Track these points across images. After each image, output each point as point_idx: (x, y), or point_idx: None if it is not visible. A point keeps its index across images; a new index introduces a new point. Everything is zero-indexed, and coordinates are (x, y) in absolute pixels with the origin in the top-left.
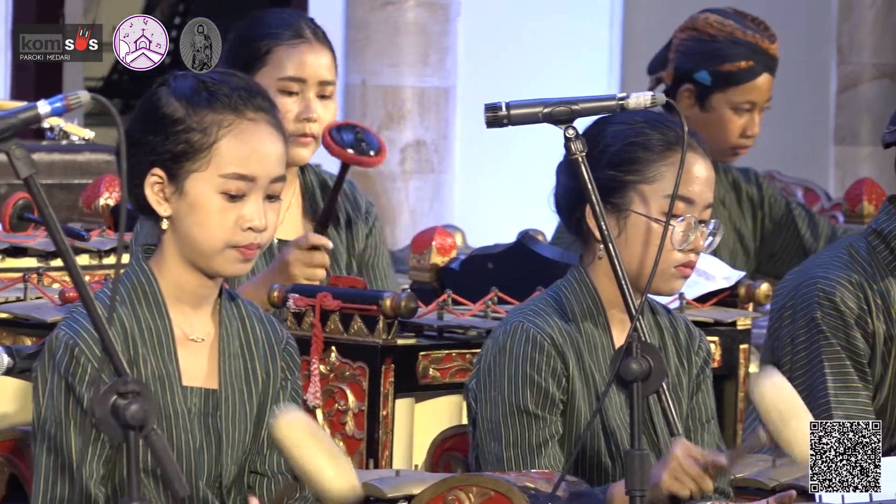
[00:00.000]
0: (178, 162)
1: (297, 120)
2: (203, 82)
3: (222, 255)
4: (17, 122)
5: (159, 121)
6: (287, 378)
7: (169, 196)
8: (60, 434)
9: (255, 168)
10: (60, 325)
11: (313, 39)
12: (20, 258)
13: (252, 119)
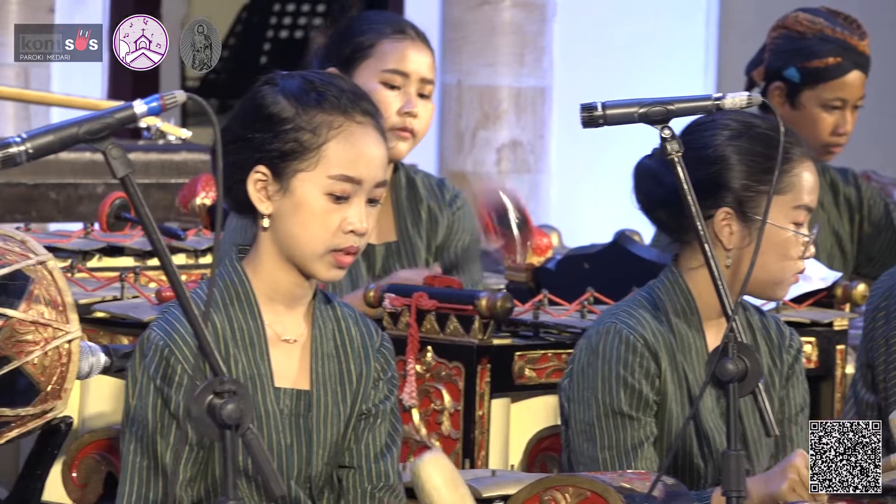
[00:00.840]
0: (285, 160)
1: (399, 114)
2: (311, 82)
3: (321, 259)
4: (114, 122)
5: (266, 119)
6: (380, 378)
7: (272, 194)
8: (148, 436)
9: (361, 171)
10: (152, 325)
11: (416, 38)
12: (117, 257)
13: (360, 122)
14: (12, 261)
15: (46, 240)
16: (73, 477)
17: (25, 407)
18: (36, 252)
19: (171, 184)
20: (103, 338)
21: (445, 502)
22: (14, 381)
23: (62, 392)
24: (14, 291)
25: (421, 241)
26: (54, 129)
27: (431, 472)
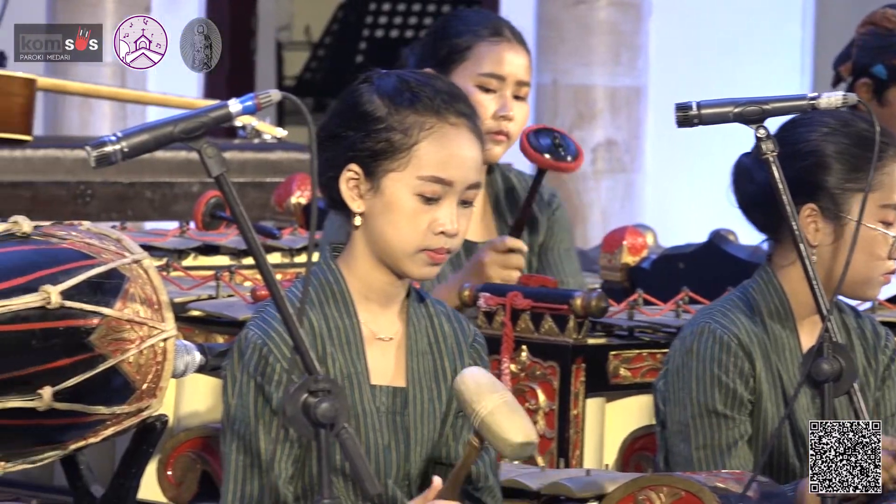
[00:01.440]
0: (376, 160)
1: (494, 117)
2: (406, 82)
3: (412, 258)
4: (209, 121)
5: (360, 117)
6: None
7: (364, 193)
8: (249, 434)
9: (453, 173)
10: (249, 324)
11: (513, 39)
12: (212, 256)
13: (454, 124)
14: (108, 259)
15: (142, 238)
16: (168, 475)
17: (121, 405)
18: (131, 251)
19: (266, 183)
20: (198, 336)
21: (490, 407)
22: (110, 379)
23: (157, 390)
24: (110, 290)
25: (522, 240)
26: (150, 127)
27: (468, 384)
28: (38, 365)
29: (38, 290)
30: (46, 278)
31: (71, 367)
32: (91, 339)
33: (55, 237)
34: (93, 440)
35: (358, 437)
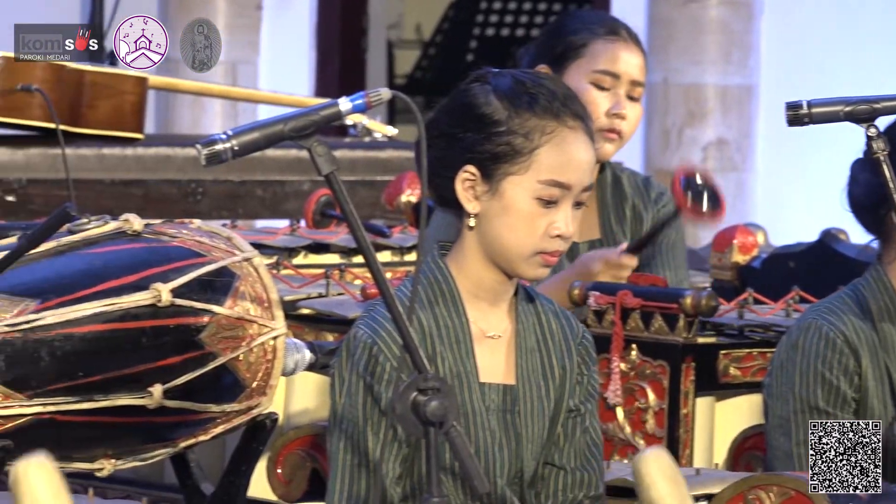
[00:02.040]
0: (496, 162)
1: (607, 115)
2: (523, 83)
3: (528, 260)
4: (319, 119)
5: (478, 119)
6: (583, 373)
7: (480, 194)
8: (358, 433)
9: (571, 176)
10: (358, 323)
11: (629, 40)
12: (322, 254)
13: (571, 127)
14: (218, 257)
15: (252, 237)
16: (278, 473)
17: (231, 403)
18: (242, 249)
19: (376, 181)
20: (308, 334)
21: (665, 498)
22: (220, 377)
23: (267, 388)
24: (220, 288)
25: (625, 239)
26: (260, 126)
27: (652, 468)
28: (149, 363)
29: (148, 288)
30: (157, 276)
31: (181, 364)
32: (201, 336)
33: (166, 235)
34: (203, 438)
35: (468, 435)
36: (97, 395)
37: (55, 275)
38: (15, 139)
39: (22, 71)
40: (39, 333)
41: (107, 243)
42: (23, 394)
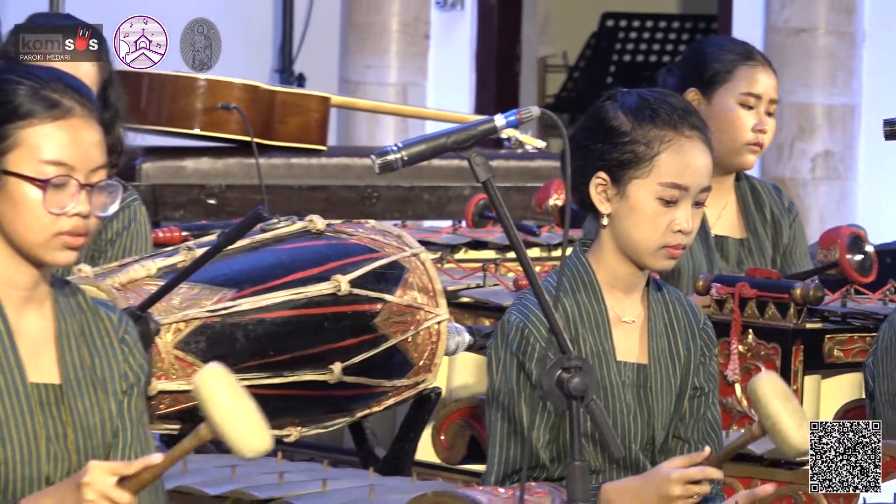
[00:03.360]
0: (622, 168)
1: (753, 130)
2: (646, 100)
3: (654, 253)
4: (477, 133)
5: (607, 131)
6: (705, 355)
7: (611, 197)
8: (513, 404)
9: (688, 179)
10: (511, 309)
11: (765, 63)
12: (480, 251)
13: (688, 136)
14: (390, 252)
15: (420, 235)
16: (441, 440)
17: (401, 379)
18: (410, 245)
19: (527, 187)
20: (468, 320)
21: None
22: (391, 356)
23: (432, 366)
24: (391, 279)
25: (768, 240)
26: (427, 139)
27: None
28: (330, 344)
29: (330, 279)
30: (337, 269)
31: (357, 345)
32: (375, 321)
33: (345, 233)
34: (376, 409)
35: (606, 407)
36: (285, 372)
37: (249, 267)
38: (216, 150)
39: (222, 92)
40: (236, 318)
41: (294, 240)
42: None
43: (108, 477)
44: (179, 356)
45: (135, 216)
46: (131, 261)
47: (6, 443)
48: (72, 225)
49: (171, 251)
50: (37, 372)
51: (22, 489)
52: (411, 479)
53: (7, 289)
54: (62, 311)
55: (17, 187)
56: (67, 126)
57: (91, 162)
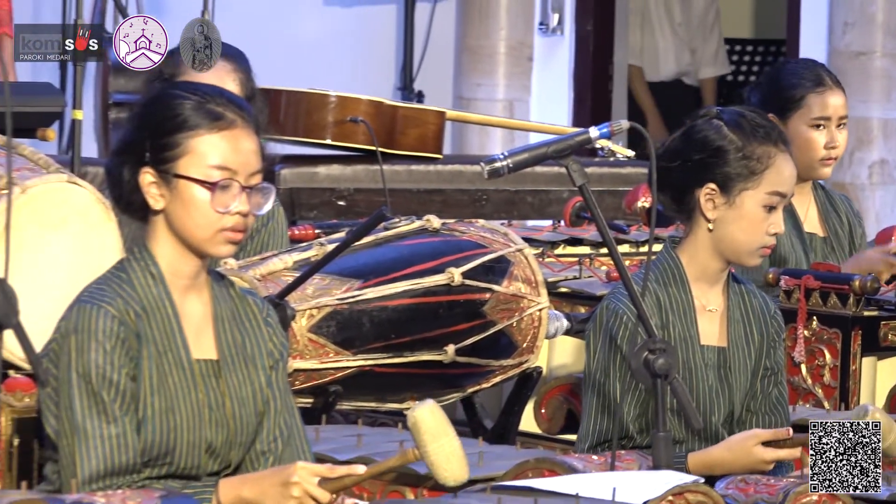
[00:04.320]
0: (734, 181)
1: (825, 148)
2: (747, 119)
3: (753, 253)
4: (574, 143)
5: (717, 149)
6: (776, 340)
7: (719, 205)
8: (606, 382)
9: (787, 188)
10: (607, 298)
11: (833, 85)
12: (577, 247)
13: (783, 151)
14: (498, 248)
15: (524, 233)
16: (542, 413)
17: (507, 359)
18: (515, 242)
19: (618, 191)
20: (565, 307)
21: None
22: (498, 339)
23: (534, 348)
24: (499, 271)
25: (844, 237)
26: (529, 148)
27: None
28: (444, 328)
29: (444, 271)
30: (451, 262)
31: (469, 330)
32: (484, 308)
33: (458, 231)
34: (485, 385)
35: (691, 386)
36: (405, 353)
37: (373, 261)
38: (345, 158)
39: (351, 107)
40: (361, 305)
41: (413, 237)
42: (349, 351)
43: (312, 477)
44: (312, 339)
45: (273, 215)
46: (271, 255)
47: (176, 412)
48: (233, 222)
49: (305, 246)
50: (199, 349)
51: (187, 453)
52: (516, 447)
53: (174, 278)
54: (217, 297)
55: (187, 189)
56: (230, 136)
57: (250, 167)
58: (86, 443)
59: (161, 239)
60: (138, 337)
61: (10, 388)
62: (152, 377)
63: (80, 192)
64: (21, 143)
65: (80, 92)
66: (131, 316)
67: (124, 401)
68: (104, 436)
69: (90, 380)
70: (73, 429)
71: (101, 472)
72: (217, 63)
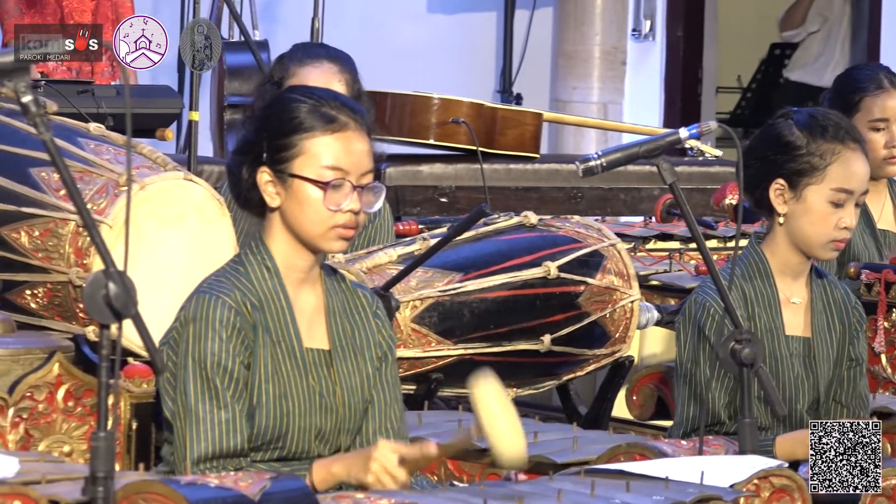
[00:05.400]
0: (799, 177)
1: (885, 147)
2: (816, 118)
3: (823, 246)
4: (665, 144)
5: (785, 146)
6: (857, 330)
7: (787, 200)
8: (696, 371)
9: (853, 184)
10: (696, 291)
11: (891, 87)
12: (667, 242)
13: (852, 149)
14: (592, 243)
15: (617, 228)
16: (634, 400)
17: (600, 349)
18: (608, 237)
19: (706, 189)
20: (656, 299)
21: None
22: (592, 330)
23: (626, 338)
24: (593, 265)
25: None
26: (622, 148)
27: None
28: (541, 319)
29: (541, 265)
30: (547, 256)
31: (564, 320)
32: (579, 300)
33: (553, 227)
34: (579, 373)
35: (776, 375)
36: (503, 342)
37: (474, 255)
38: (447, 157)
39: (452, 108)
40: (462, 297)
41: (511, 232)
42: (450, 340)
43: (392, 455)
44: (415, 328)
45: (379, 212)
46: (376, 249)
47: (288, 398)
48: (345, 219)
49: (409, 241)
50: (311, 339)
51: (298, 437)
52: (608, 433)
53: (289, 271)
54: (329, 290)
55: (301, 188)
56: (343, 137)
57: (362, 167)
58: (197, 426)
59: (277, 234)
60: (254, 327)
61: (129, 375)
62: (266, 365)
63: (196, 189)
64: (140, 143)
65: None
66: (247, 307)
67: (236, 388)
68: (215, 420)
69: (205, 366)
70: (186, 412)
71: (210, 454)
72: (323, 65)
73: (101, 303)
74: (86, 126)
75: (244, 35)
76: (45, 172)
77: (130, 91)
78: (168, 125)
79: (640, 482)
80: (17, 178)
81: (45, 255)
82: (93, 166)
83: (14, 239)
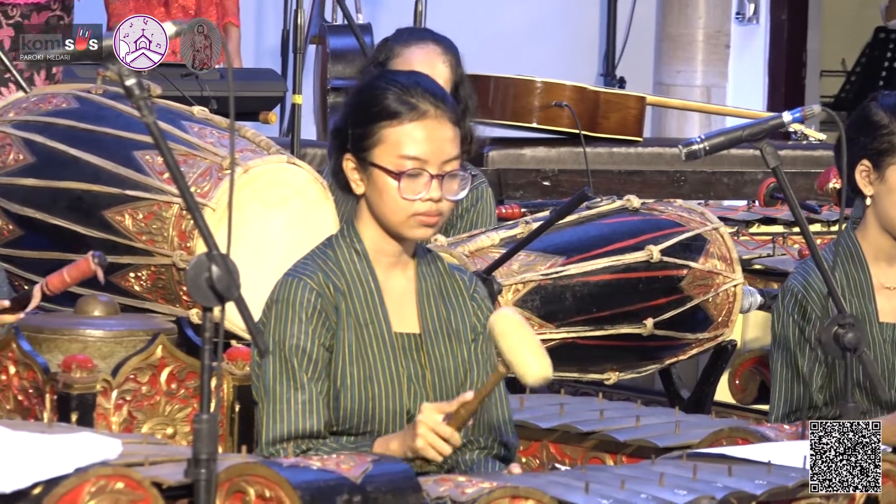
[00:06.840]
0: (882, 156)
1: None
2: None
3: None
4: (767, 127)
5: (869, 125)
6: None
7: (873, 181)
8: (793, 355)
9: None
10: (792, 275)
11: None
12: (770, 226)
13: None
14: (694, 227)
15: (720, 212)
16: (736, 384)
17: (703, 333)
18: (711, 221)
19: (810, 172)
20: (759, 283)
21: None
22: (694, 313)
23: (729, 322)
24: (695, 249)
25: None
26: (725, 132)
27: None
28: (643, 302)
29: (643, 248)
30: (650, 240)
31: (666, 304)
32: (681, 284)
33: (656, 210)
34: (682, 357)
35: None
36: (606, 326)
37: (576, 238)
38: (550, 141)
39: (556, 92)
40: (564, 280)
41: (613, 216)
42: (552, 324)
43: (436, 414)
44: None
45: (481, 195)
46: (479, 232)
47: (374, 381)
48: (426, 208)
49: (511, 224)
50: (400, 323)
51: (385, 420)
52: (711, 417)
53: (378, 255)
54: (423, 273)
55: (380, 177)
56: (424, 126)
57: (443, 155)
58: (274, 406)
59: (365, 219)
60: (336, 310)
61: (232, 358)
62: (351, 348)
63: (299, 172)
64: (244, 126)
65: (301, 77)
66: (330, 289)
67: (315, 370)
68: (291, 401)
69: (284, 348)
70: (265, 392)
71: (285, 435)
72: (428, 46)
73: (204, 285)
74: (189, 109)
75: (347, 18)
76: (149, 155)
77: (234, 74)
78: (271, 108)
79: (743, 466)
80: (122, 161)
81: (148, 237)
82: (196, 149)
83: (118, 222)
